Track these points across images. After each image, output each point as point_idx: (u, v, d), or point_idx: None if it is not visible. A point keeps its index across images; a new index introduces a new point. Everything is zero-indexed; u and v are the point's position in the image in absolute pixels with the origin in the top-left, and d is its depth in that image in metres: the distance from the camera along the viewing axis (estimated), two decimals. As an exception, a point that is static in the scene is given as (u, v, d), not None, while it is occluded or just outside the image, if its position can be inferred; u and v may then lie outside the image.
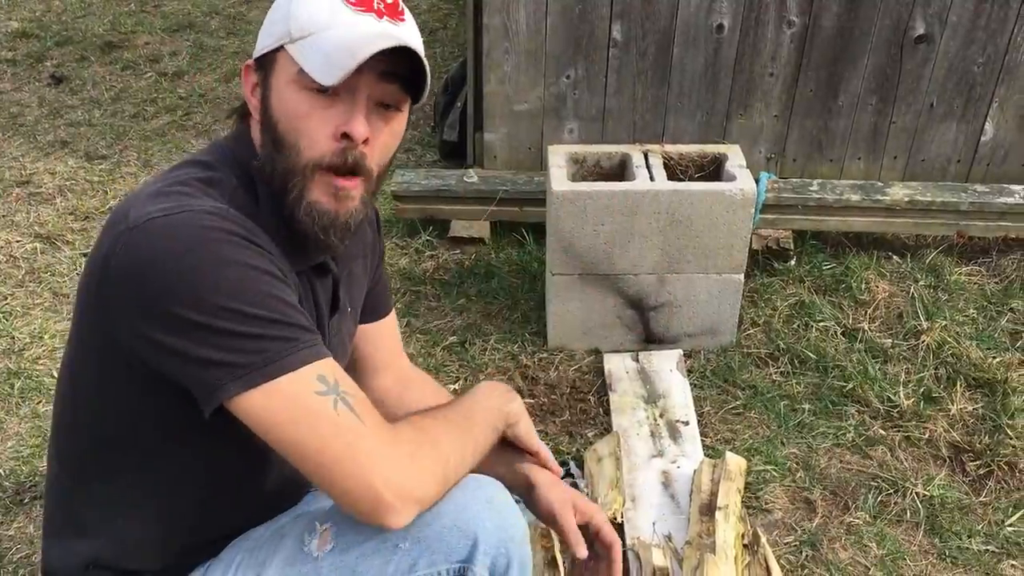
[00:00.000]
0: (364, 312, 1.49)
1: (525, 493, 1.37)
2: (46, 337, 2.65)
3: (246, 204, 1.18)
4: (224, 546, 1.29)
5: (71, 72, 4.38)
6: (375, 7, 1.16)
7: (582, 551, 1.32)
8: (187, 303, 1.05)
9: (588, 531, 1.37)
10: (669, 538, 1.97)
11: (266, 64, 1.18)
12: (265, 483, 1.31)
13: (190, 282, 1.05)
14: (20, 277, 2.93)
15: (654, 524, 2.01)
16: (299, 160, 1.15)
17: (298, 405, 1.07)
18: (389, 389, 1.55)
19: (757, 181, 2.84)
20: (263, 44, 1.18)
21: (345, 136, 1.14)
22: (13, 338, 2.65)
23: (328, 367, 1.11)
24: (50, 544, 1.32)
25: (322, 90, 1.12)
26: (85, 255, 3.04)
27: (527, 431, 1.36)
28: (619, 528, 1.99)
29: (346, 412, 1.08)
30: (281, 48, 1.15)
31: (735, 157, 2.60)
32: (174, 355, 1.07)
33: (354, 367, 1.52)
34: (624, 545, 1.94)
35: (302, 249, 1.23)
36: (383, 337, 1.57)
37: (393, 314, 1.60)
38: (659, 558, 1.86)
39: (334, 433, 1.07)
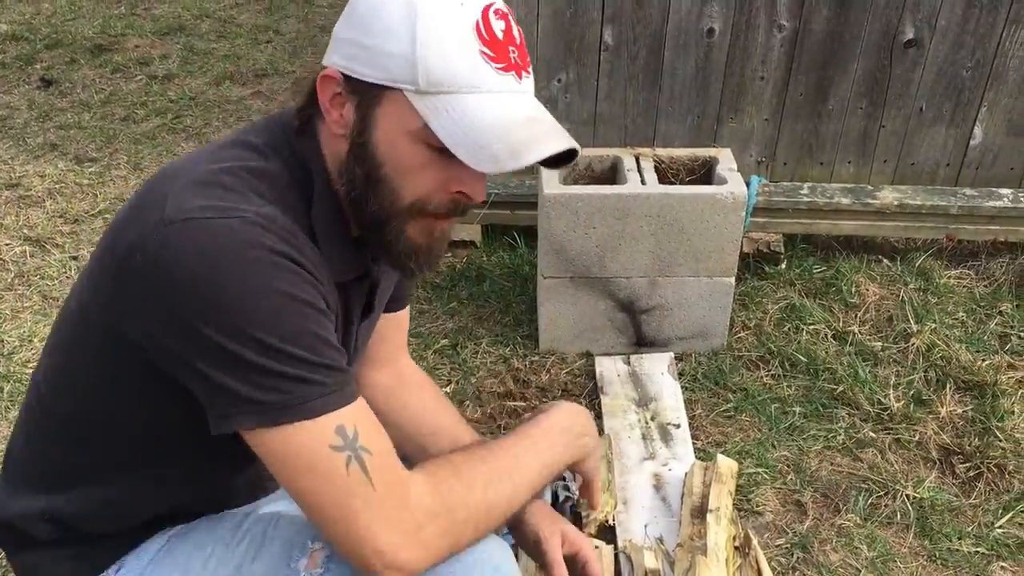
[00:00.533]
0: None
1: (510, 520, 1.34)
2: (35, 341, 2.64)
3: (297, 205, 1.10)
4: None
5: (61, 75, 4.37)
6: (512, 59, 1.07)
7: None
8: (217, 326, 0.99)
9: (575, 563, 1.34)
10: (661, 540, 1.97)
11: (368, 94, 1.07)
12: (242, 477, 1.29)
13: (224, 305, 0.99)
14: (9, 280, 2.92)
15: (646, 526, 2.01)
16: (401, 203, 1.10)
17: (310, 457, 1.02)
18: (383, 385, 1.51)
19: (748, 184, 2.85)
20: (362, 70, 1.06)
21: (461, 193, 1.11)
22: (2, 342, 2.64)
23: (351, 416, 1.05)
24: (7, 492, 1.28)
25: (445, 149, 1.04)
26: (75, 258, 3.02)
27: (592, 468, 1.35)
28: (610, 530, 1.99)
29: (357, 473, 1.03)
30: (398, 90, 1.05)
31: (726, 161, 2.61)
32: (190, 369, 1.03)
33: None
34: (616, 548, 1.94)
35: (355, 258, 1.18)
36: (391, 330, 1.51)
37: (407, 310, 1.54)
38: (651, 560, 1.86)
39: (340, 494, 1.03)
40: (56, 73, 4.38)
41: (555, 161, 1.11)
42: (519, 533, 1.34)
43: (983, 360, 2.55)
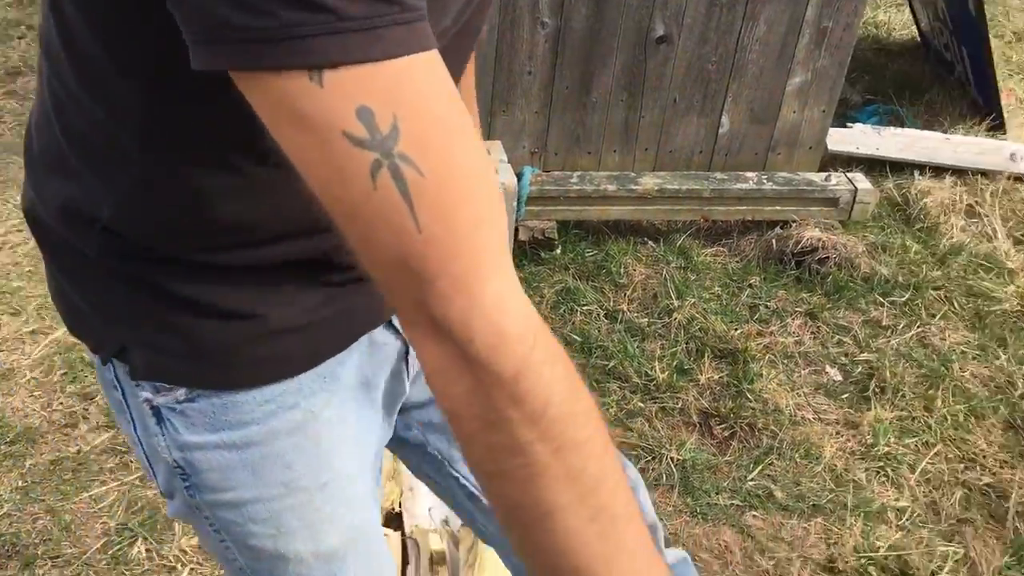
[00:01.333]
0: None
1: None
2: None
3: None
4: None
5: None
6: None
7: None
8: None
9: None
10: (446, 522, 2.04)
11: None
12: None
13: None
14: None
15: (430, 510, 2.08)
16: None
17: (316, 139, 0.61)
18: None
19: (521, 175, 2.97)
20: None
21: None
22: None
23: (391, 93, 0.60)
24: (32, 180, 0.92)
25: None
26: None
27: None
28: (397, 517, 2.04)
29: (389, 190, 0.61)
30: None
31: (496, 152, 2.71)
32: None
33: None
34: (403, 534, 2.00)
35: None
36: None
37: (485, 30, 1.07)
38: (436, 542, 1.93)
39: (364, 207, 0.62)
40: None
41: None
42: None
43: (735, 329, 2.80)
